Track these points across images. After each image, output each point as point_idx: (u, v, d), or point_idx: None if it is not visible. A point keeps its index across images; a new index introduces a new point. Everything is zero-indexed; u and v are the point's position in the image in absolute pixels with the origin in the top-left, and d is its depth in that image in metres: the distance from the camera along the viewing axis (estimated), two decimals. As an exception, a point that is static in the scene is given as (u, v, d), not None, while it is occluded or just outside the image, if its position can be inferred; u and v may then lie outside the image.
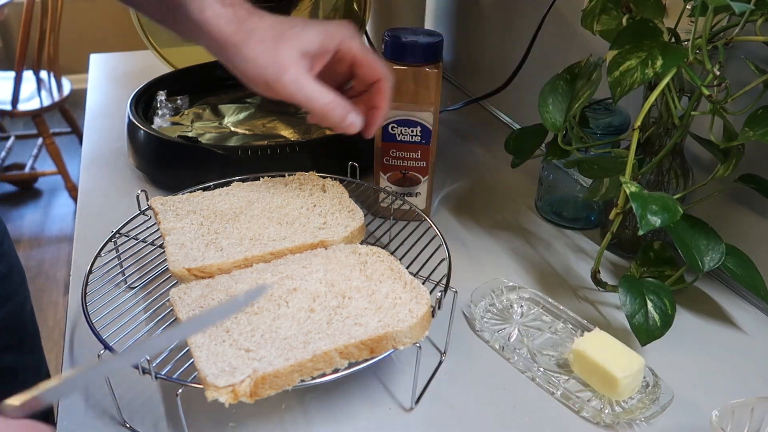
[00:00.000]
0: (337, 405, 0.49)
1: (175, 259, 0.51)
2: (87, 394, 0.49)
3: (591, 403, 0.49)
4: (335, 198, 0.60)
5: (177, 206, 0.58)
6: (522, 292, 0.59)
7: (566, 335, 0.55)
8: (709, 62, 0.50)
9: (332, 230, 0.56)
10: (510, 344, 0.54)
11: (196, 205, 0.59)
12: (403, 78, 0.64)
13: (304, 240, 0.54)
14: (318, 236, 0.55)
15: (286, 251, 0.53)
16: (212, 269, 0.51)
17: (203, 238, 0.54)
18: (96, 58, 1.21)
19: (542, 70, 0.77)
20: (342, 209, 0.58)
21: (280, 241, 0.54)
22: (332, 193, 0.61)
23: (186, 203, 0.59)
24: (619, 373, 0.47)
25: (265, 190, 0.61)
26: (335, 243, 0.54)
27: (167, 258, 0.52)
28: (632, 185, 0.50)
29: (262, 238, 0.54)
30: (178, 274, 0.50)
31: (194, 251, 0.52)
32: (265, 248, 0.53)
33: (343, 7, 1.04)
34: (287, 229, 0.56)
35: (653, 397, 0.49)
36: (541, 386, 0.51)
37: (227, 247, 0.53)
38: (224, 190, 0.61)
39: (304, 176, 0.63)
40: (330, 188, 0.62)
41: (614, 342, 0.50)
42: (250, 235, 0.55)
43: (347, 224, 0.56)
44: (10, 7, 2.35)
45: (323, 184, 0.62)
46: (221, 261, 0.51)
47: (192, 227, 0.55)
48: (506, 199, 0.78)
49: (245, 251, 0.52)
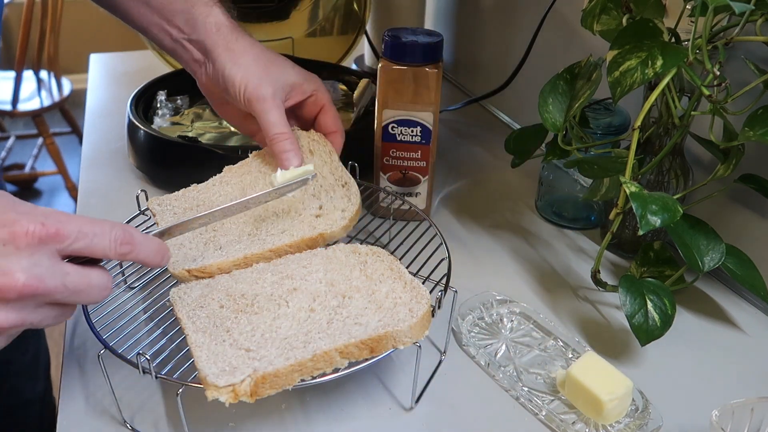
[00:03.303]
0: (337, 405, 0.49)
1: (175, 260, 0.51)
2: (87, 393, 0.49)
3: (575, 426, 0.47)
4: (324, 164, 0.59)
5: (174, 205, 0.58)
6: (513, 306, 0.58)
7: (556, 353, 0.54)
8: (709, 62, 0.50)
9: (329, 217, 0.55)
10: (496, 361, 0.53)
11: (192, 201, 0.58)
12: (403, 78, 0.64)
13: (303, 234, 0.54)
14: (316, 228, 0.54)
15: (285, 247, 0.53)
16: (212, 269, 0.51)
17: (201, 237, 0.54)
18: (96, 58, 1.21)
19: (542, 70, 0.77)
20: (335, 184, 0.58)
21: (278, 236, 0.54)
22: (320, 155, 0.60)
23: (182, 200, 0.58)
24: (604, 396, 0.46)
25: (257, 171, 0.60)
26: (334, 234, 0.54)
27: None
28: (632, 185, 0.50)
29: (260, 233, 0.54)
30: (178, 275, 0.50)
31: (193, 251, 0.52)
32: (264, 245, 0.53)
33: (343, 7, 1.04)
34: (284, 220, 0.55)
35: (641, 423, 0.47)
36: (525, 406, 0.50)
37: (226, 245, 0.53)
38: (218, 179, 0.60)
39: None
40: (316, 149, 0.61)
41: (604, 365, 0.49)
42: (247, 230, 0.55)
43: (344, 207, 0.56)
44: (10, 7, 2.35)
45: (308, 143, 0.61)
46: (221, 260, 0.51)
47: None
48: (506, 199, 0.78)
49: (244, 249, 0.52)
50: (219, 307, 0.46)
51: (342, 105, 0.89)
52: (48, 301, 0.39)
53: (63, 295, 0.39)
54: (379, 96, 0.66)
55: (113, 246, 0.40)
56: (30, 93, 2.37)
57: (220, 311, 0.46)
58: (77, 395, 0.49)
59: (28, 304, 0.38)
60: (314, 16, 1.06)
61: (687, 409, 0.50)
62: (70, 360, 0.52)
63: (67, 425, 0.47)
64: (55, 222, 0.38)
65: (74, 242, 0.39)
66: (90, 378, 0.51)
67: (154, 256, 0.44)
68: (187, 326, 0.45)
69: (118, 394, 0.47)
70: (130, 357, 0.43)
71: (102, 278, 0.41)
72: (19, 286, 0.36)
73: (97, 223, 0.40)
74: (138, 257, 0.42)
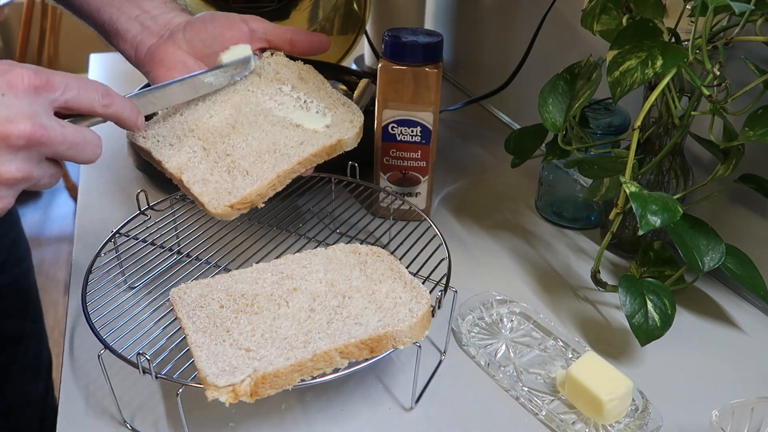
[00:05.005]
0: (337, 405, 0.49)
1: (210, 198, 0.49)
2: (87, 393, 0.49)
3: (575, 426, 0.47)
4: (319, 89, 0.59)
5: (163, 135, 0.54)
6: (513, 306, 0.58)
7: (556, 353, 0.54)
8: (709, 62, 0.50)
9: (341, 127, 0.55)
10: (496, 361, 0.53)
11: (183, 128, 0.54)
12: (403, 78, 0.64)
13: (323, 142, 0.53)
14: (332, 136, 0.54)
15: (311, 157, 0.52)
16: (252, 197, 0.49)
17: (218, 165, 0.51)
18: (96, 58, 1.21)
19: (542, 70, 0.77)
20: (335, 103, 0.57)
21: (298, 147, 0.52)
22: (313, 82, 0.59)
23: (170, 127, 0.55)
24: (604, 396, 0.46)
25: (245, 90, 0.58)
26: (350, 141, 0.54)
27: (198, 200, 0.49)
28: (632, 185, 0.50)
29: (279, 147, 0.52)
30: (221, 214, 0.48)
31: (222, 183, 0.50)
32: (291, 159, 0.51)
33: (343, 7, 1.03)
34: (297, 132, 0.54)
35: (641, 423, 0.47)
36: (524, 406, 0.50)
37: (251, 167, 0.51)
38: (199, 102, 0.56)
39: (275, 61, 0.60)
40: (308, 77, 0.60)
41: (604, 365, 0.49)
42: (264, 146, 0.53)
43: (351, 119, 0.56)
44: (10, 7, 2.35)
45: (298, 71, 0.60)
46: (258, 186, 0.49)
47: (197, 155, 0.52)
48: (506, 199, 0.78)
49: (274, 167, 0.50)
50: (219, 307, 0.46)
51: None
52: (49, 154, 0.41)
53: (63, 147, 0.40)
54: (379, 96, 0.66)
55: (98, 97, 0.43)
56: (30, 93, 2.37)
57: (220, 311, 0.46)
58: (77, 395, 0.49)
59: (33, 156, 0.40)
60: (314, 16, 1.06)
61: (687, 409, 0.50)
62: (70, 360, 0.52)
63: (67, 425, 0.47)
64: (45, 72, 0.40)
65: (65, 92, 0.41)
66: (90, 378, 0.51)
67: (131, 113, 0.46)
68: (187, 326, 0.45)
69: (118, 394, 0.47)
70: (130, 357, 0.43)
71: (94, 135, 0.43)
72: (27, 132, 0.38)
73: (80, 78, 0.43)
74: (117, 111, 0.45)
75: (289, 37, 0.59)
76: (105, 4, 0.58)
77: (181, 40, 0.57)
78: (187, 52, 0.57)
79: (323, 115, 0.56)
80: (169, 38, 0.57)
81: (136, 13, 0.58)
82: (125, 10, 0.58)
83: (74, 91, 0.41)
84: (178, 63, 0.56)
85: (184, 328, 0.45)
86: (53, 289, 1.98)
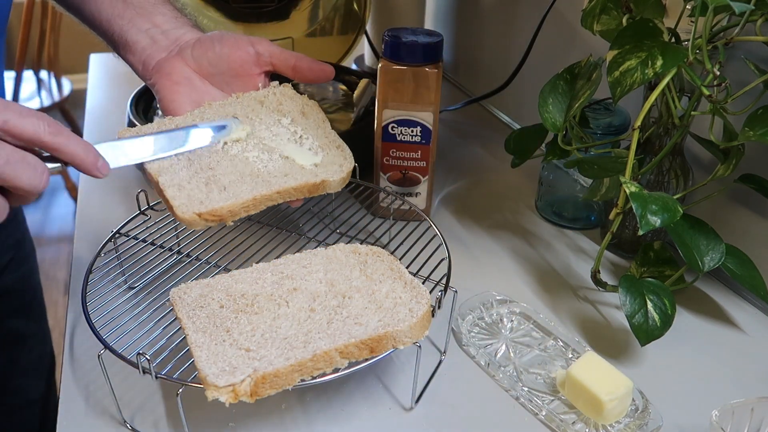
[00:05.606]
0: (337, 405, 0.49)
1: (181, 202, 0.48)
2: (87, 393, 0.49)
3: (575, 426, 0.47)
4: (318, 127, 0.58)
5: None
6: (513, 306, 0.58)
7: (556, 353, 0.54)
8: (709, 62, 0.50)
9: (329, 168, 0.54)
10: (496, 361, 0.53)
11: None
12: (403, 78, 0.64)
13: (308, 178, 0.53)
14: (318, 175, 0.53)
15: (291, 190, 0.52)
16: (223, 212, 0.49)
17: (198, 176, 0.51)
18: (96, 58, 1.21)
19: (542, 70, 0.77)
20: (330, 145, 0.57)
21: (282, 178, 0.52)
22: (313, 118, 0.59)
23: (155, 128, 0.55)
24: (604, 396, 0.46)
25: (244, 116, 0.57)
26: (334, 183, 0.54)
27: (169, 202, 0.49)
28: (632, 185, 0.50)
29: (262, 174, 0.52)
30: (188, 220, 0.48)
31: (196, 192, 0.50)
32: (271, 186, 0.51)
33: (343, 7, 1.03)
34: (285, 164, 0.54)
35: (641, 423, 0.47)
36: (524, 406, 0.50)
37: (230, 185, 0.51)
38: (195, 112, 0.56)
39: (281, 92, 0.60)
40: (309, 113, 0.59)
41: (604, 365, 0.49)
42: (248, 170, 0.53)
43: (340, 163, 0.55)
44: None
45: (301, 105, 0.60)
46: (231, 203, 0.49)
47: (180, 163, 0.52)
48: (506, 199, 0.78)
49: (251, 190, 0.50)
50: (219, 307, 0.46)
51: (342, 105, 0.89)
52: None
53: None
54: (379, 96, 0.66)
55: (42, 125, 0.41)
56: (30, 93, 2.37)
57: (220, 311, 0.46)
58: (77, 395, 0.49)
59: None
60: (314, 16, 1.06)
61: (687, 409, 0.50)
62: (70, 360, 0.52)
63: (67, 425, 0.47)
64: None
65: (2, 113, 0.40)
66: (90, 378, 0.51)
67: (86, 153, 0.44)
68: (187, 326, 0.45)
69: (118, 394, 0.47)
70: (130, 357, 0.43)
71: (36, 159, 0.42)
72: None
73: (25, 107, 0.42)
74: (67, 145, 0.43)
75: (293, 63, 0.58)
76: (115, 16, 0.58)
77: (189, 57, 0.57)
78: (194, 69, 0.57)
79: (315, 153, 0.56)
80: (177, 54, 0.57)
81: (147, 27, 0.58)
82: (136, 23, 0.58)
83: (13, 114, 0.40)
84: (184, 78, 0.56)
85: (184, 328, 0.45)
86: (53, 289, 1.98)
